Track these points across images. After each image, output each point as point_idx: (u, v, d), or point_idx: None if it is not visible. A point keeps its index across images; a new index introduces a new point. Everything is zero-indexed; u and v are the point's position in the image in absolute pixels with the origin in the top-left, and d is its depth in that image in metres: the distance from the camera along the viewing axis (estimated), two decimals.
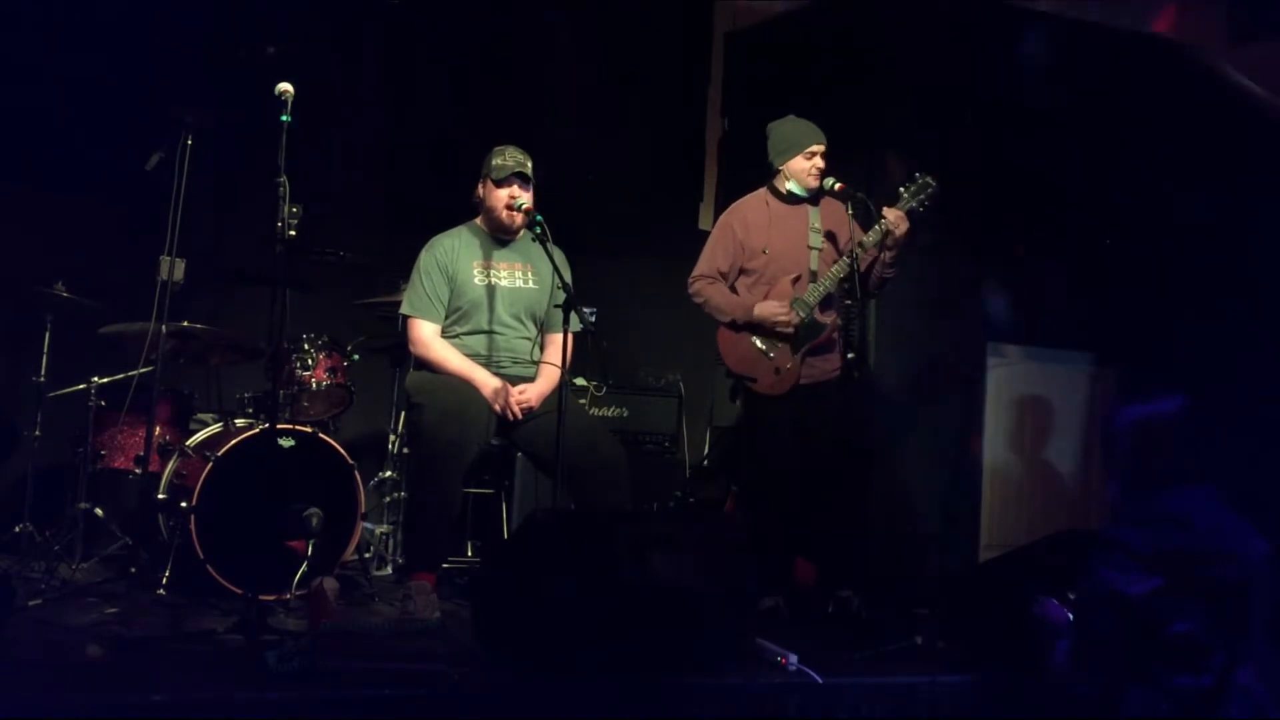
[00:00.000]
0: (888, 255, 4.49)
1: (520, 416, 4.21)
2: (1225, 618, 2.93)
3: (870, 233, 4.46)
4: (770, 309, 4.53)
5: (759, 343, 4.57)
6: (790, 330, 4.52)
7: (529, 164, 4.30)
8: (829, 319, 4.58)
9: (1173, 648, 2.93)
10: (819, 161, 4.61)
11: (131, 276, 4.83)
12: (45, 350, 4.69)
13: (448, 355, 4.28)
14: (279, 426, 4.20)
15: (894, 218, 4.41)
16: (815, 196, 4.67)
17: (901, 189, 4.53)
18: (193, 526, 4.09)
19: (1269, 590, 2.96)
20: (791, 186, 4.67)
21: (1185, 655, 2.93)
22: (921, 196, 4.50)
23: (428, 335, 4.31)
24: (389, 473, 5.29)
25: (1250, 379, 5.52)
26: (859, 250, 4.44)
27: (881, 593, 4.53)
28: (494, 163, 4.30)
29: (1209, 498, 3.05)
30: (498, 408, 4.20)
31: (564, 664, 3.17)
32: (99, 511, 4.57)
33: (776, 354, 4.55)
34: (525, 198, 4.27)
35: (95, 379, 4.68)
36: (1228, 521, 3.03)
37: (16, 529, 4.60)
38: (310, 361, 4.73)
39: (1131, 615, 2.95)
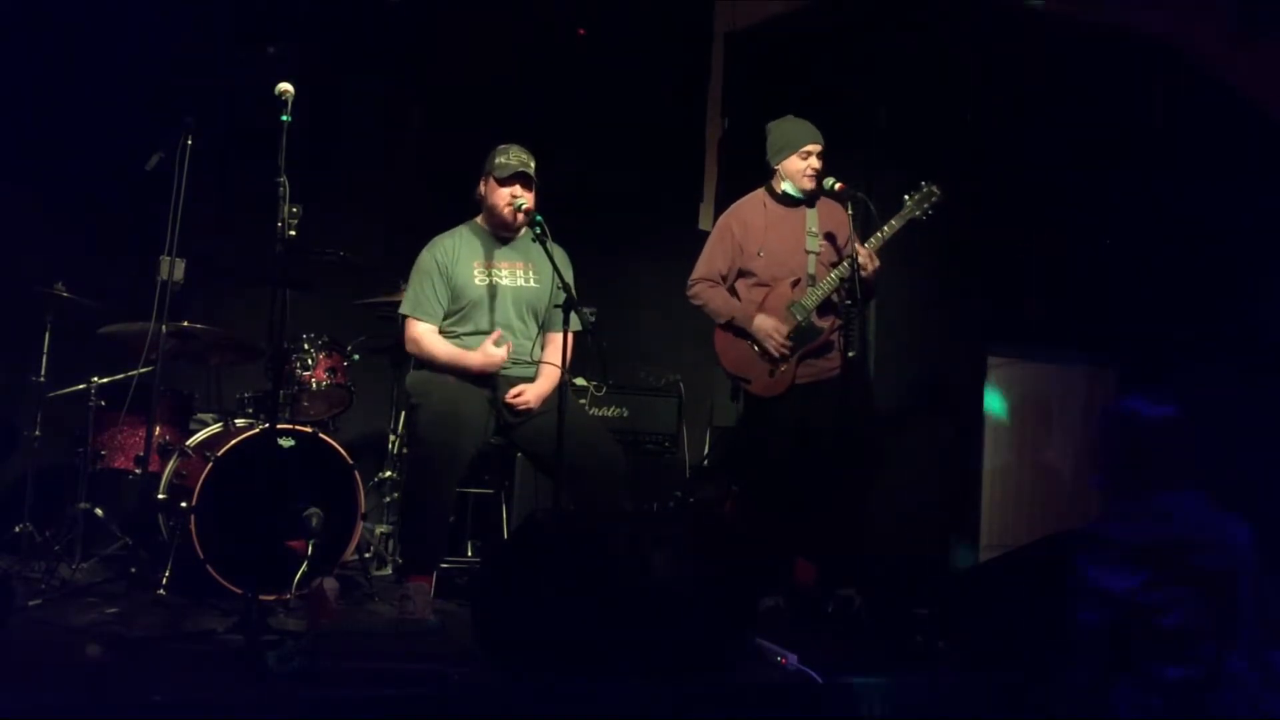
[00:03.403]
0: (859, 289, 4.37)
1: (504, 357, 4.19)
2: (1214, 606, 2.94)
3: (839, 268, 4.45)
4: (765, 329, 4.52)
5: (755, 345, 4.57)
6: (781, 353, 4.51)
7: (532, 164, 4.28)
8: (827, 323, 4.57)
9: (1163, 640, 2.94)
10: (815, 162, 4.58)
11: (131, 276, 4.84)
12: (45, 350, 4.68)
13: (436, 348, 4.26)
14: (279, 426, 4.20)
15: (863, 258, 4.38)
16: (811, 198, 4.66)
17: (906, 196, 4.52)
18: (193, 526, 4.09)
19: (1255, 576, 2.98)
20: (787, 187, 4.66)
21: (1176, 647, 2.94)
22: (925, 205, 4.49)
23: (419, 333, 4.30)
24: (389, 473, 5.30)
25: (1249, 379, 5.52)
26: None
27: (881, 593, 4.53)
28: (497, 161, 4.28)
29: (1196, 500, 3.07)
30: (490, 368, 4.17)
31: (563, 664, 3.17)
32: (99, 511, 4.57)
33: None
34: (527, 198, 4.25)
35: (95, 379, 4.67)
36: (1212, 517, 3.04)
37: (16, 529, 4.60)
38: (310, 361, 4.73)
39: (1120, 610, 2.97)
